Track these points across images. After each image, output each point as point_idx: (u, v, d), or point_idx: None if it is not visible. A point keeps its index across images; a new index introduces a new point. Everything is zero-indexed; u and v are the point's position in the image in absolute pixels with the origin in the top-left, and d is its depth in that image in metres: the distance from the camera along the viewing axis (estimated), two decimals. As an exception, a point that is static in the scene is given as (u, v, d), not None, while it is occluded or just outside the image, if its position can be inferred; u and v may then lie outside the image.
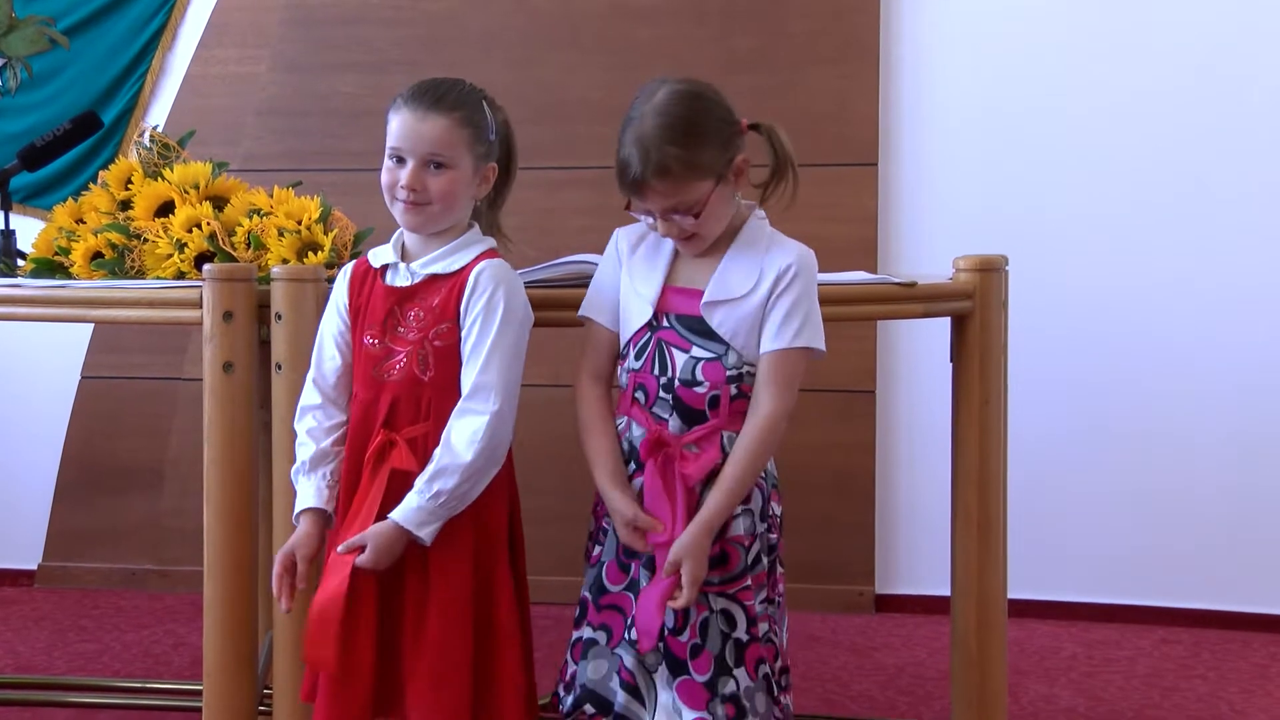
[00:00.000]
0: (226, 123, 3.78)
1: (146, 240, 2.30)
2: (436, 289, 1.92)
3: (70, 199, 2.48)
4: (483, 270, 1.91)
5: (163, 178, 2.38)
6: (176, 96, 3.86)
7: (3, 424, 3.88)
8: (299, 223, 2.26)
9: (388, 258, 1.96)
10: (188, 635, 3.34)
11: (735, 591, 1.90)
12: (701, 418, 1.90)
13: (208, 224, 2.26)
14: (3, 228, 2.56)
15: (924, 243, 3.56)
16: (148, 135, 2.49)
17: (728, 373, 1.90)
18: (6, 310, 2.23)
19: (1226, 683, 3.05)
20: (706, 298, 1.90)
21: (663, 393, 1.90)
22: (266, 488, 2.09)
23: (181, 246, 2.26)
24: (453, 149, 1.90)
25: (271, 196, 2.34)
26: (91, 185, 2.49)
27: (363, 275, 1.97)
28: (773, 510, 1.97)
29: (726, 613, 1.90)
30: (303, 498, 1.92)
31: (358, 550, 1.84)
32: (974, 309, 2.25)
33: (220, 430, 2.05)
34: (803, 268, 1.91)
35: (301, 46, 3.83)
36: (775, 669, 1.94)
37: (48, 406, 3.84)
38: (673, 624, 1.89)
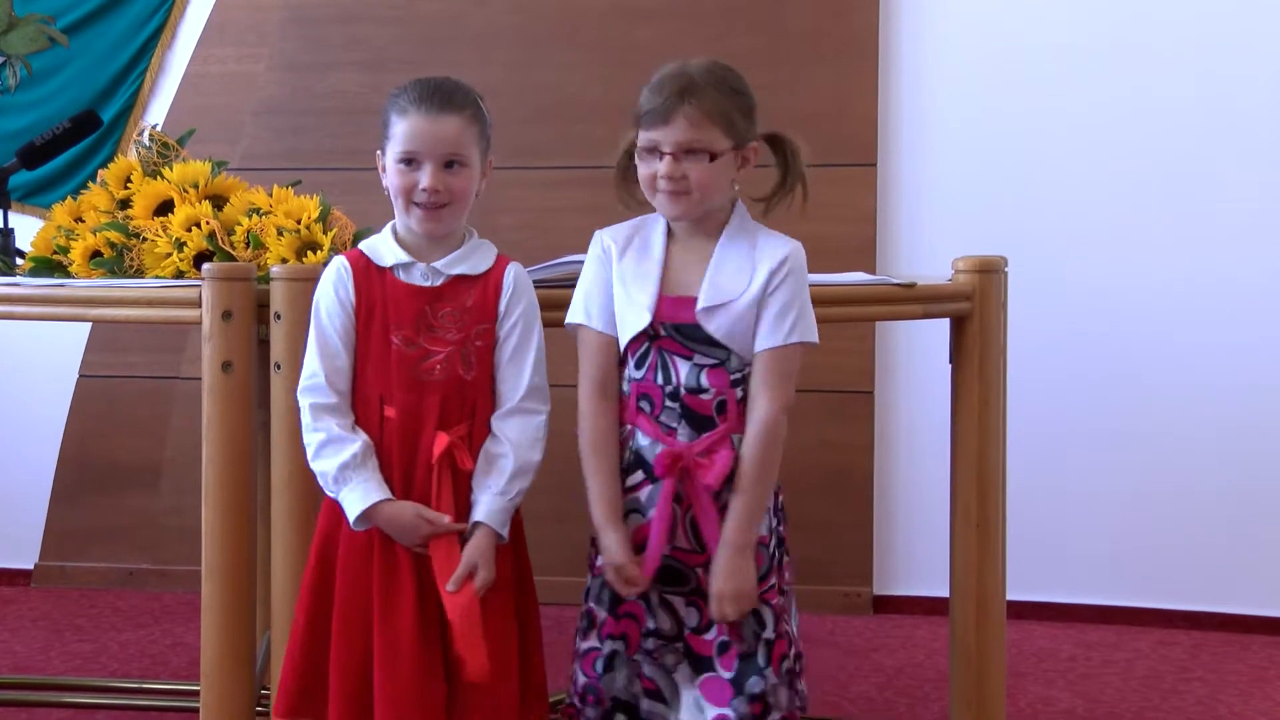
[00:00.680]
0: (225, 121, 3.78)
1: (145, 239, 2.30)
2: (466, 289, 1.93)
3: (69, 197, 2.47)
4: (519, 275, 1.96)
5: (162, 176, 2.37)
6: (176, 95, 3.87)
7: (0, 423, 3.87)
8: (298, 222, 2.25)
9: (399, 256, 1.94)
10: (185, 635, 3.34)
11: (762, 592, 1.91)
12: (710, 423, 1.89)
13: (207, 223, 2.26)
14: (2, 226, 2.56)
15: (923, 243, 3.57)
16: (147, 134, 2.48)
17: (732, 377, 1.89)
18: (5, 309, 2.22)
19: (1225, 685, 3.04)
20: (701, 303, 1.88)
21: (669, 402, 1.89)
22: (265, 487, 2.09)
23: (180, 245, 2.26)
24: (467, 147, 1.92)
25: (271, 195, 2.33)
26: (90, 184, 2.48)
27: (365, 271, 1.94)
28: (780, 502, 1.98)
29: (756, 614, 1.90)
30: (368, 492, 1.86)
31: (468, 577, 1.86)
32: (973, 310, 2.26)
33: (219, 429, 2.04)
34: (795, 263, 1.91)
35: (300, 45, 3.83)
36: (790, 657, 1.95)
37: (45, 405, 3.84)
38: (696, 623, 1.90)
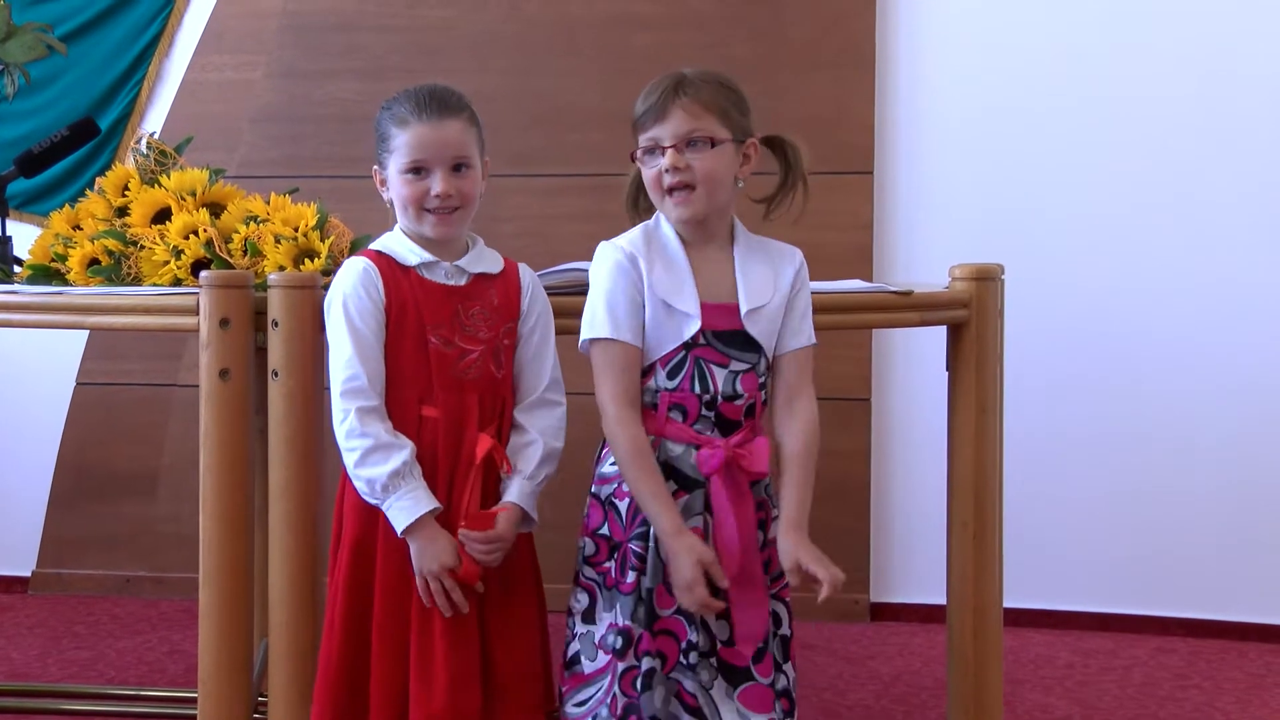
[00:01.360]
0: (223, 129, 3.78)
1: (143, 247, 2.30)
2: (486, 289, 1.98)
3: (67, 205, 2.46)
4: (531, 274, 2.04)
5: (159, 184, 2.36)
6: (173, 103, 3.87)
7: (-2, 430, 3.88)
8: (296, 229, 2.25)
9: (422, 255, 1.95)
10: (182, 642, 3.33)
11: (779, 590, 1.96)
12: (737, 427, 1.92)
13: (204, 230, 2.26)
14: (-1, 234, 2.57)
15: (920, 250, 3.57)
16: (144, 142, 2.48)
17: (760, 380, 1.94)
18: (3, 317, 2.22)
19: (1222, 692, 3.04)
20: (746, 306, 1.92)
21: (704, 410, 1.91)
22: (262, 494, 2.08)
23: (178, 253, 2.25)
24: (470, 149, 1.96)
25: (268, 203, 2.34)
26: (88, 191, 2.48)
27: (391, 273, 1.94)
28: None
29: (774, 613, 1.95)
30: (418, 501, 1.86)
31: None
32: (970, 318, 2.27)
33: (216, 437, 2.04)
34: (805, 265, 2.00)
35: (298, 53, 3.84)
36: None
37: (43, 413, 3.84)
38: (727, 636, 1.91)
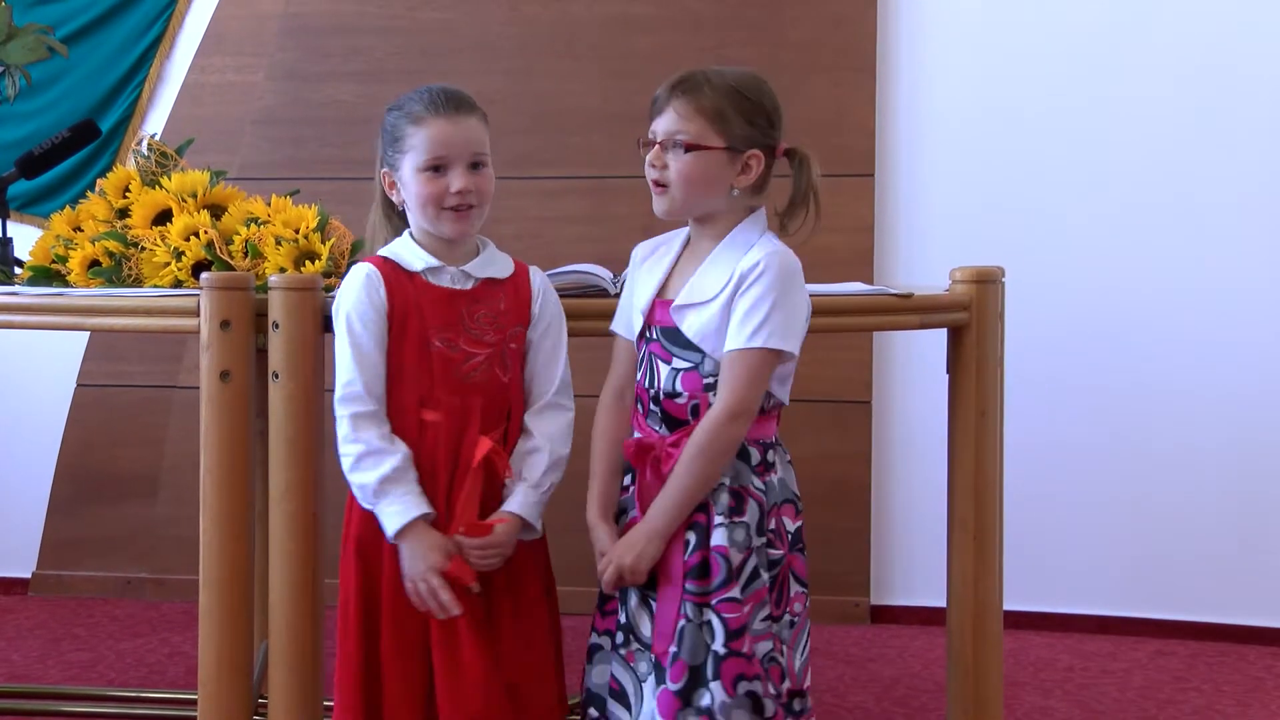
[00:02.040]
0: (224, 131, 3.78)
1: (144, 248, 2.29)
2: (497, 292, 1.97)
3: (68, 207, 2.46)
4: (543, 279, 2.03)
5: (160, 186, 2.36)
6: (174, 105, 3.87)
7: (-2, 431, 3.88)
8: (296, 231, 2.25)
9: (428, 260, 1.95)
10: (182, 644, 3.33)
11: (715, 602, 1.85)
12: (683, 426, 1.91)
13: (205, 232, 2.26)
14: (0, 235, 2.56)
15: (920, 253, 3.57)
16: (145, 143, 2.48)
17: (704, 381, 1.89)
18: (3, 318, 2.21)
19: (1222, 695, 3.04)
20: (676, 302, 1.91)
21: (652, 405, 1.93)
22: (263, 496, 2.08)
23: (179, 255, 2.25)
24: (486, 146, 1.97)
25: (269, 205, 2.34)
26: (89, 193, 2.48)
27: (396, 278, 1.94)
28: (779, 525, 1.94)
29: (708, 624, 1.85)
30: (407, 506, 1.87)
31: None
32: (970, 321, 2.25)
33: (217, 439, 2.04)
34: (770, 266, 1.86)
35: (299, 55, 3.84)
36: (781, 690, 1.89)
37: (44, 414, 3.84)
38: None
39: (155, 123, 3.84)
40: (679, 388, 1.91)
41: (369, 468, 1.87)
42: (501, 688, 1.90)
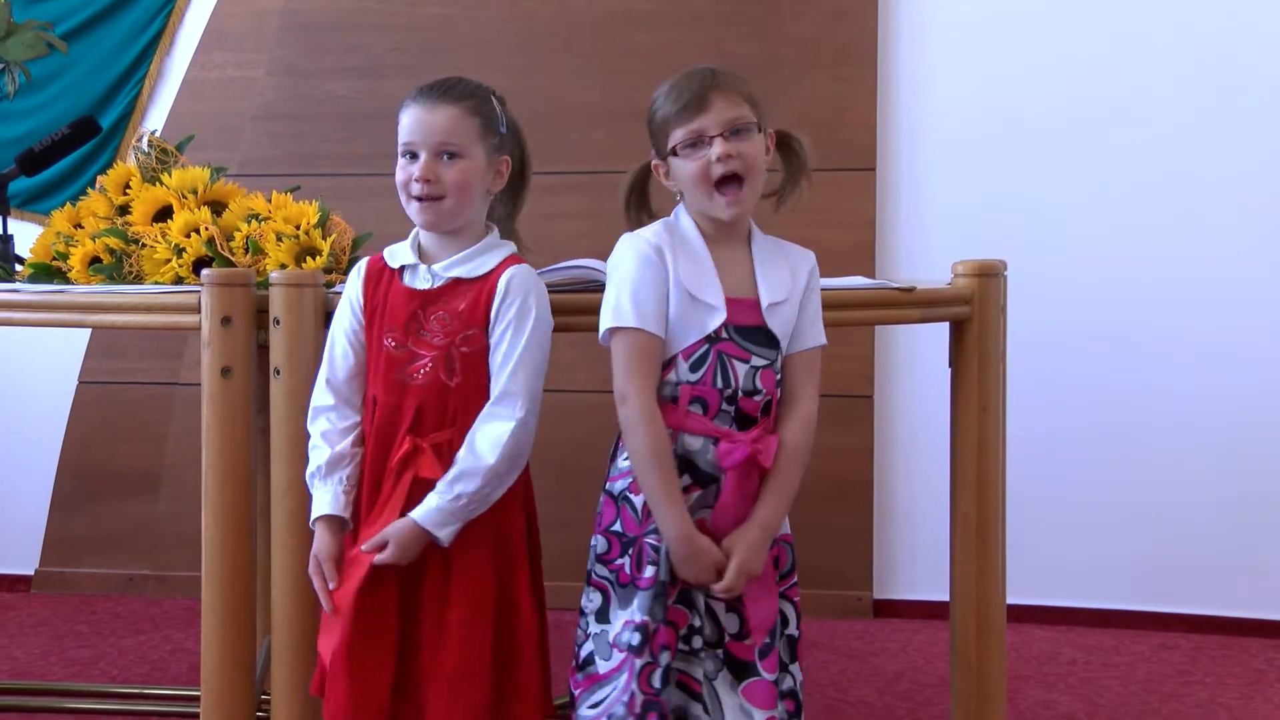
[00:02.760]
0: (224, 127, 3.78)
1: (144, 245, 2.30)
2: (461, 293, 1.92)
3: (68, 204, 2.47)
4: (513, 276, 1.91)
5: (161, 183, 2.36)
6: (174, 101, 3.87)
7: (0, 429, 3.86)
8: (297, 227, 2.25)
9: (406, 258, 1.95)
10: (185, 641, 3.33)
11: (786, 589, 1.94)
12: (753, 424, 1.91)
13: (206, 229, 2.26)
14: (1, 233, 2.56)
15: (922, 247, 3.57)
16: (146, 140, 2.48)
17: (777, 377, 1.94)
18: (4, 315, 2.22)
19: (1225, 688, 3.04)
20: (768, 300, 1.92)
21: (725, 405, 1.90)
22: (264, 492, 2.08)
23: (180, 251, 2.25)
24: (463, 137, 1.91)
25: (269, 201, 2.33)
26: (89, 190, 2.48)
27: (378, 274, 1.95)
28: None
29: (781, 612, 1.94)
30: (319, 504, 1.91)
31: (378, 548, 1.86)
32: (973, 314, 2.26)
33: (218, 435, 2.04)
34: (816, 266, 1.99)
35: (299, 51, 3.83)
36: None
37: (45, 411, 3.84)
38: (736, 629, 1.91)
39: (155, 119, 3.84)
40: (759, 385, 1.91)
41: (310, 460, 1.93)
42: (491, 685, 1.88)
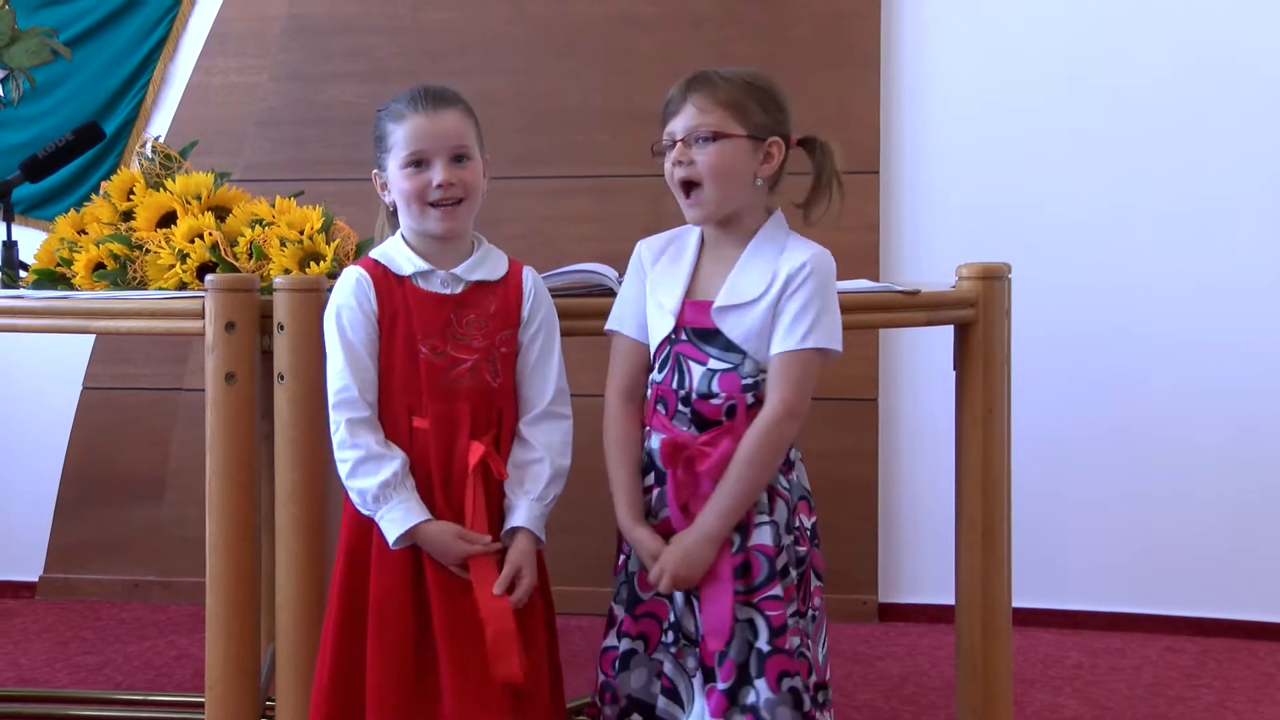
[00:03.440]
0: (228, 132, 3.78)
1: (148, 251, 2.29)
2: (487, 295, 1.95)
3: (72, 210, 2.46)
4: (536, 280, 1.99)
5: (164, 188, 2.36)
6: (178, 107, 3.86)
7: (4, 435, 3.87)
8: (301, 233, 2.25)
9: (416, 264, 1.94)
10: (190, 647, 3.33)
11: (758, 600, 1.89)
12: (715, 427, 1.90)
13: (210, 234, 2.25)
14: (5, 239, 2.56)
15: (926, 250, 3.56)
16: (149, 146, 2.48)
17: (744, 382, 1.90)
18: (8, 322, 2.21)
19: (1233, 692, 3.03)
20: (717, 303, 1.91)
21: (681, 406, 1.92)
22: (269, 498, 2.08)
23: (183, 257, 2.25)
24: (469, 139, 1.95)
25: (273, 206, 2.33)
26: (93, 196, 2.48)
27: (385, 283, 1.94)
28: (800, 522, 1.97)
29: (750, 622, 1.88)
30: (409, 513, 1.87)
31: (510, 582, 1.88)
32: (977, 317, 2.26)
33: (222, 441, 2.04)
34: (816, 267, 1.90)
35: (302, 56, 3.83)
36: (809, 684, 1.92)
37: (49, 417, 3.83)
38: (695, 631, 1.90)
39: (159, 125, 3.84)
40: (715, 388, 1.90)
41: (368, 474, 1.87)
42: (482, 699, 1.87)
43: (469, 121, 1.95)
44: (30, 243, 2.56)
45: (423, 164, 1.92)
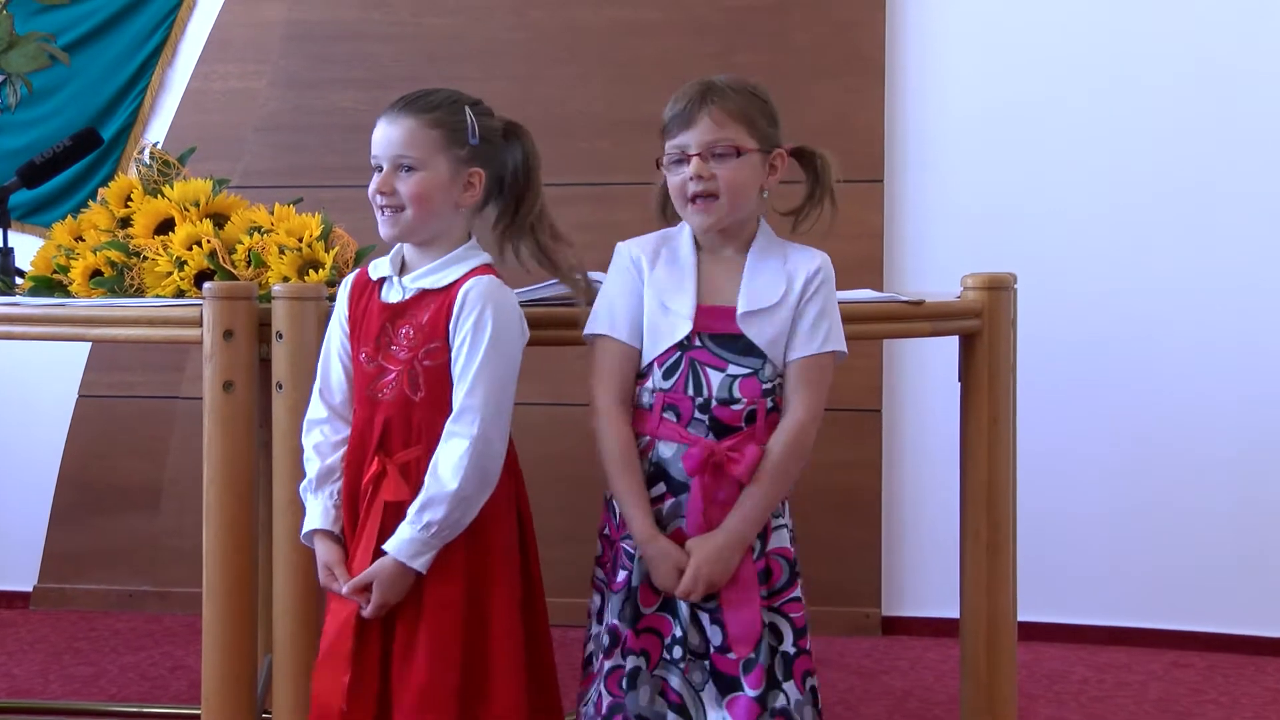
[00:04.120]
0: (227, 139, 3.77)
1: (146, 258, 2.29)
2: (426, 305, 1.91)
3: (69, 216, 2.47)
4: (471, 288, 1.88)
5: (162, 195, 2.36)
6: (176, 112, 3.85)
7: (-1, 443, 3.86)
8: (300, 240, 2.25)
9: (384, 271, 1.95)
10: (186, 658, 3.31)
11: (780, 605, 1.91)
12: (735, 433, 1.90)
13: (208, 241, 2.25)
14: (1, 245, 2.55)
15: (931, 259, 3.55)
16: (147, 152, 2.48)
17: (764, 386, 1.91)
18: (4, 329, 2.21)
19: (1240, 708, 3.01)
20: (743, 308, 1.91)
21: (698, 413, 1.90)
22: (266, 508, 2.08)
23: (181, 264, 2.25)
24: (420, 149, 1.90)
25: (272, 213, 2.33)
26: (91, 202, 2.48)
27: (361, 288, 1.97)
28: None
29: (774, 626, 1.91)
30: (311, 517, 1.93)
31: (359, 590, 1.86)
32: (982, 328, 2.25)
33: (220, 450, 2.04)
34: (828, 271, 1.95)
35: (302, 62, 3.82)
36: (813, 676, 1.95)
37: (45, 426, 3.82)
38: (720, 641, 1.89)
39: (157, 131, 3.82)
40: (737, 394, 1.90)
41: (305, 469, 1.94)
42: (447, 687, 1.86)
43: (431, 131, 1.90)
44: (27, 249, 2.55)
45: (379, 169, 1.92)
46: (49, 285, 2.39)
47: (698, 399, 1.90)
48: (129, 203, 2.40)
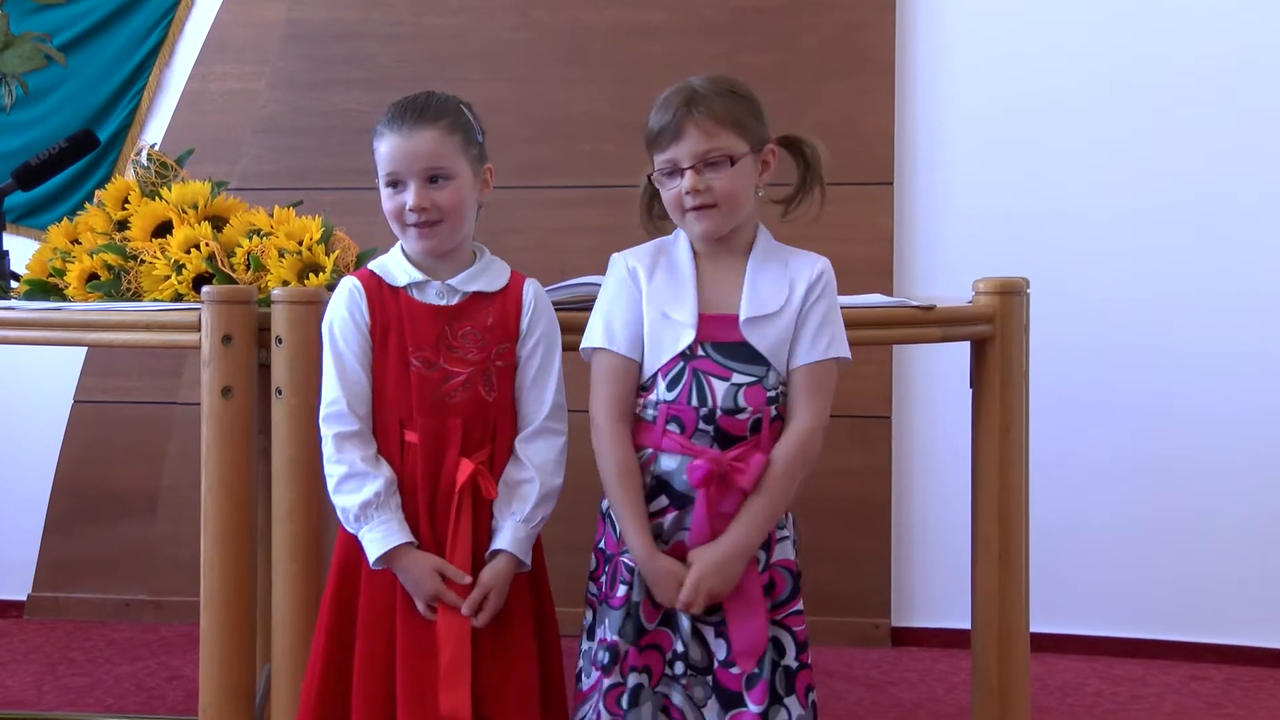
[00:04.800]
0: (225, 140, 3.76)
1: (143, 261, 2.29)
2: (484, 307, 1.93)
3: (65, 219, 2.47)
4: (537, 292, 1.97)
5: (160, 197, 2.36)
6: (174, 113, 3.85)
7: (-6, 450, 3.86)
8: (300, 243, 2.24)
9: (411, 275, 1.93)
10: (183, 668, 3.30)
11: (783, 618, 1.90)
12: (740, 443, 1.88)
13: (206, 245, 2.25)
14: (-4, 248, 2.56)
15: (942, 264, 3.53)
16: (145, 153, 2.49)
17: (768, 394, 1.89)
18: (-1, 333, 2.22)
19: (1257, 721, 3.00)
20: (745, 315, 1.89)
21: (703, 424, 1.88)
22: (265, 515, 2.08)
23: (179, 268, 2.24)
24: (448, 159, 1.91)
25: (271, 216, 2.33)
26: (87, 205, 2.48)
27: (378, 292, 1.93)
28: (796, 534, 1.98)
29: (776, 640, 1.89)
30: (388, 535, 1.86)
31: (478, 603, 1.87)
32: (994, 333, 2.26)
33: (218, 456, 2.04)
34: (829, 276, 1.94)
35: (301, 63, 3.81)
36: (813, 690, 1.94)
37: (40, 432, 3.80)
38: (724, 655, 1.88)
39: (155, 132, 3.82)
40: (742, 403, 1.88)
41: (351, 491, 1.87)
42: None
43: (451, 138, 1.91)
44: (22, 252, 2.55)
45: (399, 185, 1.91)
46: (44, 289, 2.39)
47: (702, 409, 1.88)
48: (126, 205, 2.40)
